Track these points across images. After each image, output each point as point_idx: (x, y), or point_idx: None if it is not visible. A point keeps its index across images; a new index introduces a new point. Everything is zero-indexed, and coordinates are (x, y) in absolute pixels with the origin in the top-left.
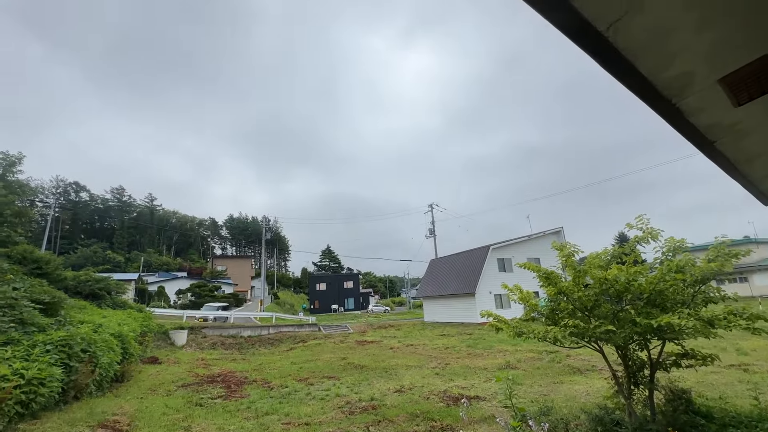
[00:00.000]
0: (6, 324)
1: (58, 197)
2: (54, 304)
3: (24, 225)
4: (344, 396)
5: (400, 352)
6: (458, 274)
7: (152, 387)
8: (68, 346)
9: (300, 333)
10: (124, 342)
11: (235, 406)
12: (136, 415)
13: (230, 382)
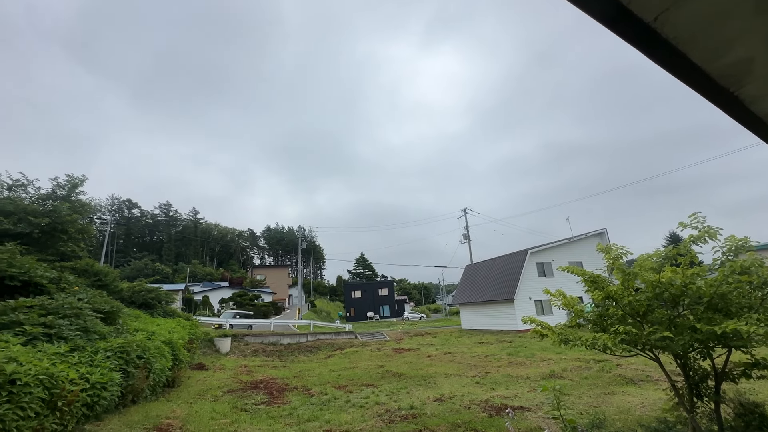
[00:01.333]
0: (73, 332)
1: (114, 214)
2: (113, 313)
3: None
4: (383, 404)
5: (438, 360)
6: (495, 279)
7: (200, 392)
8: (126, 352)
9: (337, 340)
10: (174, 349)
11: (278, 412)
12: (187, 419)
13: (272, 389)
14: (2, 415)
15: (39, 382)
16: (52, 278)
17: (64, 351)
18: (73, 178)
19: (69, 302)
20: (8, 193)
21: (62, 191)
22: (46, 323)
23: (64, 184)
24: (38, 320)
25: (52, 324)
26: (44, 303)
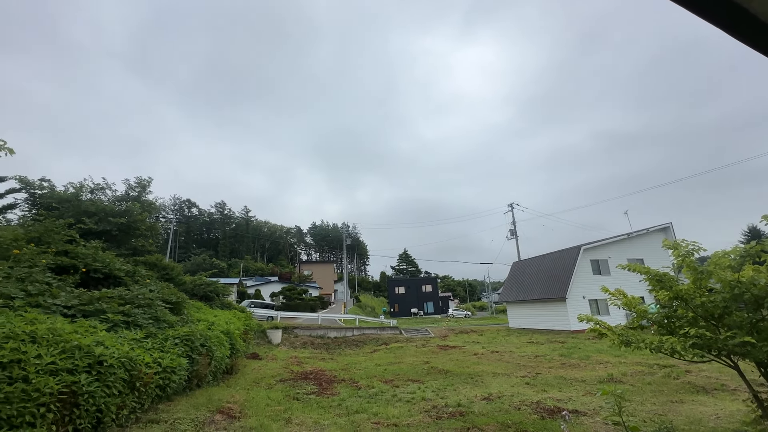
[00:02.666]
0: (146, 320)
1: (176, 213)
2: (178, 304)
3: (154, 237)
4: (430, 400)
5: (485, 359)
6: (545, 277)
7: (256, 380)
8: (190, 340)
9: (382, 335)
10: (232, 339)
11: (328, 403)
12: (245, 404)
13: (321, 380)
14: (93, 391)
15: (121, 364)
16: (127, 271)
17: (139, 337)
18: (141, 180)
19: (142, 293)
20: (90, 196)
21: (133, 192)
22: (124, 312)
23: (134, 186)
24: (118, 309)
25: (130, 313)
26: (122, 294)
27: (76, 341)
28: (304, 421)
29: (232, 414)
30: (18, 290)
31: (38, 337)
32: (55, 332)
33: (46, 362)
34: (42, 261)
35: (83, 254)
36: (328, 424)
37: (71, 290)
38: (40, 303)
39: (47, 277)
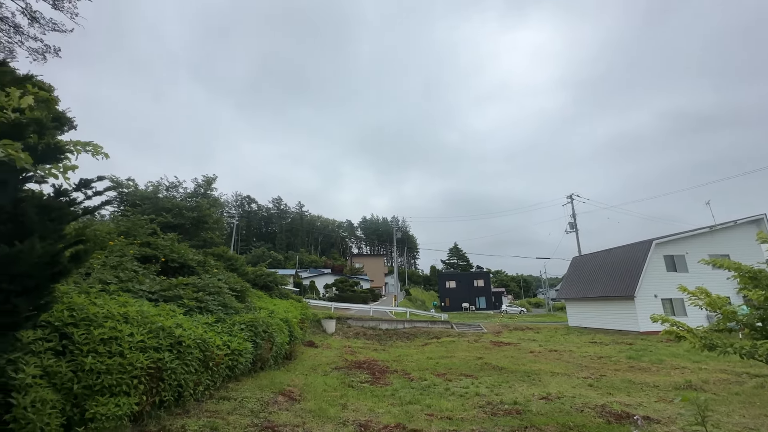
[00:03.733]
0: (216, 306)
1: (237, 208)
2: (243, 292)
3: (220, 230)
4: (484, 396)
5: (542, 357)
6: (610, 273)
7: (313, 366)
8: (254, 326)
9: (433, 329)
10: (290, 326)
11: (381, 392)
12: (304, 388)
13: (374, 370)
14: (175, 368)
15: (197, 345)
16: (199, 261)
17: (211, 321)
18: (208, 178)
19: (212, 281)
20: (166, 193)
21: (201, 189)
22: (197, 298)
23: (202, 183)
24: (192, 295)
25: (202, 299)
26: (195, 282)
27: (159, 323)
28: (359, 407)
29: (293, 396)
30: (112, 277)
31: (130, 318)
32: (142, 314)
33: (136, 340)
34: (130, 251)
35: (162, 246)
36: (382, 412)
37: (154, 278)
38: (129, 288)
39: (134, 265)
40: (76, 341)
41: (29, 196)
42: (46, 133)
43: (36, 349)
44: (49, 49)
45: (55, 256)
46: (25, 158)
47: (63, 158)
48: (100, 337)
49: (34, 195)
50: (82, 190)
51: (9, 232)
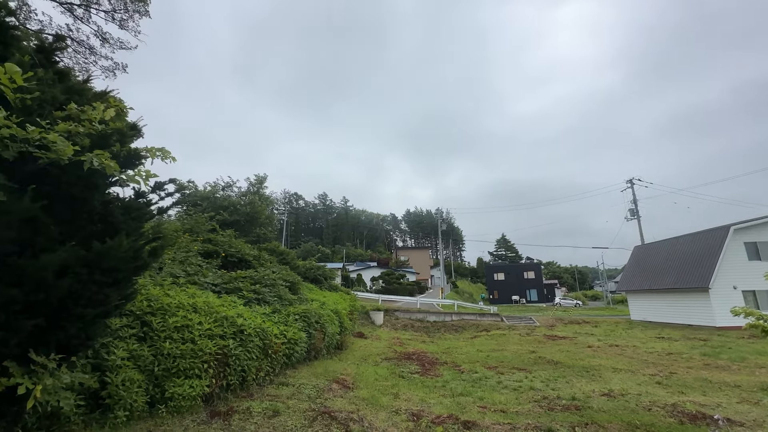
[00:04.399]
0: (272, 298)
1: (286, 205)
2: (295, 285)
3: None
4: (539, 390)
5: (601, 352)
6: (679, 263)
7: (363, 357)
8: (307, 317)
9: (482, 322)
10: (340, 317)
11: (432, 383)
12: (356, 377)
13: (423, 361)
14: (238, 354)
15: (257, 334)
16: (254, 256)
17: (268, 312)
18: (259, 177)
19: (267, 274)
20: (222, 193)
21: (253, 188)
22: (255, 290)
23: (254, 183)
24: (250, 288)
25: (259, 291)
26: (252, 275)
27: (223, 313)
28: (411, 397)
29: (346, 384)
30: (180, 271)
31: (198, 308)
32: (208, 305)
33: (205, 328)
34: (194, 247)
35: (222, 242)
36: (434, 402)
37: (216, 271)
38: (195, 281)
39: (199, 260)
40: (154, 328)
41: (115, 199)
42: (126, 141)
43: (122, 335)
44: (118, 66)
45: (137, 252)
46: (114, 165)
47: (140, 163)
48: (174, 325)
49: (118, 197)
50: (156, 192)
51: (100, 231)
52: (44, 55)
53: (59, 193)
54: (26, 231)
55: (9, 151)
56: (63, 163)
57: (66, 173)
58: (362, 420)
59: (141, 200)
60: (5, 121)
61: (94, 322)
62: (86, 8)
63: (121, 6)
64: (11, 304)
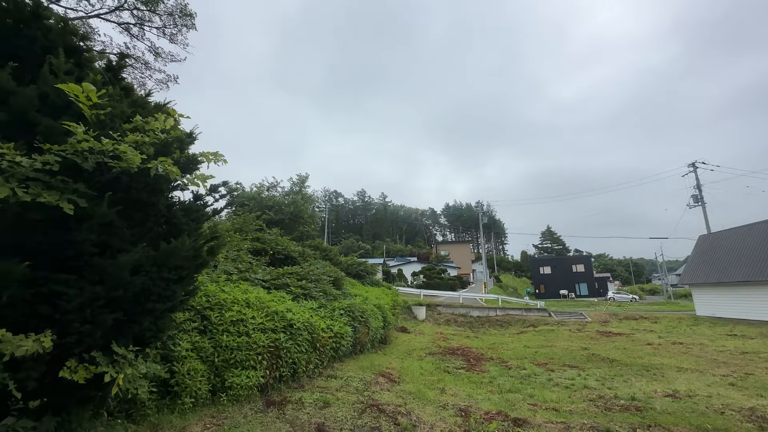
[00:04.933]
0: (318, 293)
1: (326, 203)
2: (338, 280)
3: (314, 224)
4: (594, 389)
5: (663, 350)
6: (755, 253)
7: (407, 351)
8: (351, 311)
9: (528, 317)
10: (383, 312)
11: (478, 379)
12: (402, 371)
13: (469, 357)
14: (289, 347)
15: (305, 328)
16: (299, 252)
17: (314, 307)
18: (301, 177)
19: (312, 270)
20: (267, 193)
21: (296, 187)
22: (302, 286)
23: (297, 182)
24: (297, 283)
25: (305, 287)
26: (298, 271)
27: (273, 307)
28: (458, 392)
29: (392, 378)
30: (233, 268)
31: (251, 303)
32: (260, 300)
33: (257, 322)
34: (244, 246)
35: (269, 240)
36: (481, 398)
37: (264, 268)
38: (247, 277)
39: (249, 257)
40: (213, 322)
41: (176, 202)
42: (184, 148)
43: (186, 328)
44: (170, 78)
45: (197, 251)
46: (176, 171)
47: (197, 168)
48: (230, 319)
49: (179, 201)
50: (211, 194)
51: (165, 233)
52: (112, 73)
53: (130, 198)
54: (105, 234)
55: (88, 163)
56: (132, 171)
57: (135, 180)
58: (410, 414)
59: (198, 202)
60: (84, 135)
61: (163, 316)
62: (140, 26)
63: (171, 21)
64: (96, 300)
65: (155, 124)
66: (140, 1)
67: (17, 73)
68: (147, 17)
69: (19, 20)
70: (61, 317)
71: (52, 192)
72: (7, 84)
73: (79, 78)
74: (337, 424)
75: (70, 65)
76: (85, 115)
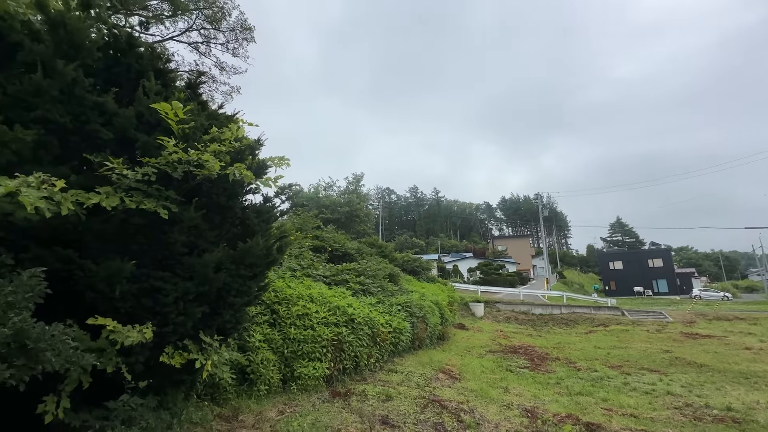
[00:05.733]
0: (376, 289)
1: (380, 200)
2: (395, 276)
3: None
4: (679, 396)
5: (765, 356)
6: None
7: (466, 348)
8: (409, 307)
9: (598, 315)
10: (440, 308)
11: (544, 379)
12: (462, 368)
13: (532, 356)
14: (351, 341)
15: (365, 322)
16: (356, 249)
17: (373, 302)
18: (357, 176)
19: (369, 266)
20: (324, 193)
21: (351, 186)
22: (360, 282)
23: (352, 181)
24: (356, 279)
25: (363, 282)
26: (356, 267)
27: (335, 302)
28: (522, 393)
29: (453, 375)
30: (296, 264)
31: (314, 298)
32: (322, 295)
33: (321, 316)
34: (306, 243)
35: (327, 237)
36: (548, 400)
37: (324, 264)
38: (309, 273)
39: (310, 255)
40: (281, 316)
41: (249, 205)
42: (255, 154)
43: (258, 321)
44: (233, 90)
45: (269, 249)
46: (250, 175)
47: (265, 172)
48: (296, 313)
49: (251, 203)
50: (279, 196)
51: (240, 233)
52: (191, 90)
53: (211, 203)
54: (192, 235)
55: (177, 172)
56: (213, 177)
57: (215, 186)
58: (473, 411)
59: (268, 204)
60: (174, 148)
61: (241, 309)
62: (207, 44)
63: (233, 37)
64: (187, 294)
65: (228, 134)
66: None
67: (117, 97)
68: (212, 35)
69: (117, 50)
70: (161, 309)
71: (150, 199)
72: (112, 107)
73: (166, 97)
74: (400, 417)
75: (159, 86)
76: (172, 130)
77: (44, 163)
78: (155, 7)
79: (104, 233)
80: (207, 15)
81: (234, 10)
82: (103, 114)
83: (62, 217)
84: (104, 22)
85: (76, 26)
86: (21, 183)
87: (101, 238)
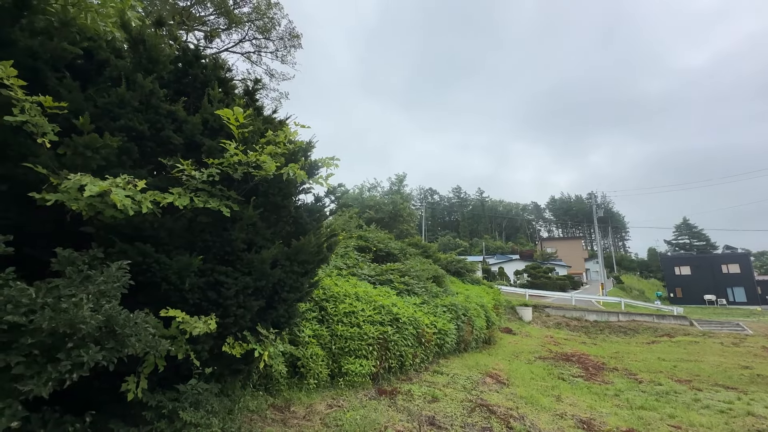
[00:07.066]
0: (420, 289)
1: (422, 201)
2: (439, 278)
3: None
4: (762, 417)
5: None
6: None
7: (514, 353)
8: (454, 309)
9: (661, 325)
10: (486, 311)
11: (601, 390)
12: (510, 373)
13: (586, 365)
14: (396, 340)
15: (410, 322)
16: (399, 249)
17: (418, 303)
18: (400, 176)
19: (413, 266)
20: (368, 193)
21: (394, 187)
22: (404, 282)
23: (395, 182)
24: (400, 279)
25: (408, 283)
26: (400, 267)
27: (380, 302)
28: (576, 402)
29: (500, 380)
30: (342, 264)
31: (360, 296)
32: (368, 294)
33: (367, 315)
34: (351, 243)
35: (371, 237)
36: (606, 412)
37: (369, 264)
38: (354, 273)
39: (355, 254)
40: (329, 312)
41: (302, 204)
42: (307, 155)
43: (307, 317)
44: (282, 95)
45: (320, 247)
46: (303, 174)
47: (316, 172)
48: (343, 311)
49: (304, 203)
50: (328, 196)
51: (293, 231)
52: (249, 96)
53: (268, 202)
54: (251, 233)
55: (237, 173)
56: (269, 177)
57: (271, 186)
58: (523, 418)
59: (318, 204)
60: (235, 150)
61: (293, 304)
62: (258, 53)
63: (282, 45)
64: (246, 288)
65: (282, 137)
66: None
67: (185, 105)
68: (263, 44)
69: (185, 63)
70: (223, 302)
71: (214, 199)
72: (182, 114)
73: (227, 104)
74: (447, 419)
75: (221, 94)
76: (233, 134)
77: (126, 166)
78: (212, 22)
79: (175, 230)
80: (258, 26)
81: (283, 19)
82: (175, 121)
83: (142, 215)
84: (174, 38)
85: (153, 42)
86: (111, 184)
87: (172, 234)
